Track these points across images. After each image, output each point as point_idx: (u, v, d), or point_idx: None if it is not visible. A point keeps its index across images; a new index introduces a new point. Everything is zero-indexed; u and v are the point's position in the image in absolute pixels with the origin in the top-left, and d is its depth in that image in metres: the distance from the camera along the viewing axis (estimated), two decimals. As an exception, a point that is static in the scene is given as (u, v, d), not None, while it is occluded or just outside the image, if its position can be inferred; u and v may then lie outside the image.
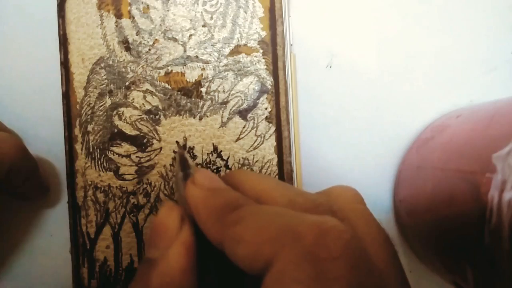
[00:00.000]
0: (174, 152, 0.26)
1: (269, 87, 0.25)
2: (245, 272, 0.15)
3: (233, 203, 0.16)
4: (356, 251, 0.14)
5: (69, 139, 0.27)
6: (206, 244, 0.16)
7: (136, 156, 0.26)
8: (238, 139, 0.26)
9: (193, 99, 0.26)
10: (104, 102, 0.26)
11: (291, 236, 0.14)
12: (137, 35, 0.26)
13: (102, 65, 0.26)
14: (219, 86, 0.26)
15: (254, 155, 0.26)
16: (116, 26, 0.26)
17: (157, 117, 0.26)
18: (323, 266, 0.13)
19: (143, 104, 0.26)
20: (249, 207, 0.16)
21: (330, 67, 0.27)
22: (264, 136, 0.26)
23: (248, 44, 0.26)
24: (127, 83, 0.26)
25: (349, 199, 0.18)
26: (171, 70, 0.26)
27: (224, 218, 0.16)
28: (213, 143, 0.26)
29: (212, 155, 0.26)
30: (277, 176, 0.25)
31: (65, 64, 0.26)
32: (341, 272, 0.13)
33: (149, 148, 0.26)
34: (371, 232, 0.17)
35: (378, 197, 0.27)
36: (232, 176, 0.19)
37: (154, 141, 0.26)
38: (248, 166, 0.26)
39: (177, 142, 0.26)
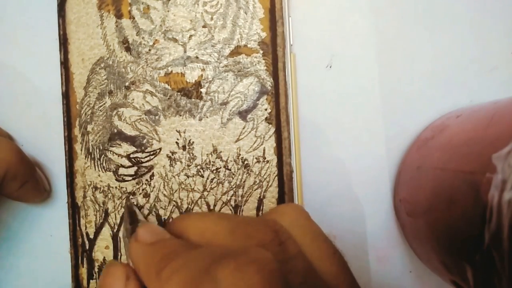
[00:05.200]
0: (126, 201, 0.26)
1: (269, 88, 0.25)
2: None
3: (170, 254, 0.16)
4: (283, 278, 0.14)
5: (69, 139, 0.27)
6: None
7: (136, 157, 0.26)
8: (237, 140, 0.26)
9: (193, 99, 0.26)
10: (104, 102, 0.26)
11: (209, 281, 0.13)
12: (137, 35, 0.26)
13: (102, 65, 0.26)
14: (219, 86, 0.26)
15: (253, 156, 0.26)
16: (116, 26, 0.26)
17: (156, 117, 0.26)
18: None
19: (143, 104, 0.26)
20: (181, 256, 0.15)
21: (330, 67, 0.27)
22: (263, 137, 0.26)
23: (248, 45, 0.26)
24: (127, 84, 0.26)
25: (294, 216, 0.18)
26: (171, 71, 0.26)
27: (160, 274, 0.15)
28: (212, 144, 0.26)
29: (211, 155, 0.26)
30: (276, 177, 0.25)
31: (65, 64, 0.26)
32: None
33: (148, 149, 0.26)
34: (317, 247, 0.16)
35: (378, 197, 0.27)
36: (175, 224, 0.18)
37: (154, 141, 0.26)
38: (248, 168, 0.25)
39: (127, 194, 0.26)
